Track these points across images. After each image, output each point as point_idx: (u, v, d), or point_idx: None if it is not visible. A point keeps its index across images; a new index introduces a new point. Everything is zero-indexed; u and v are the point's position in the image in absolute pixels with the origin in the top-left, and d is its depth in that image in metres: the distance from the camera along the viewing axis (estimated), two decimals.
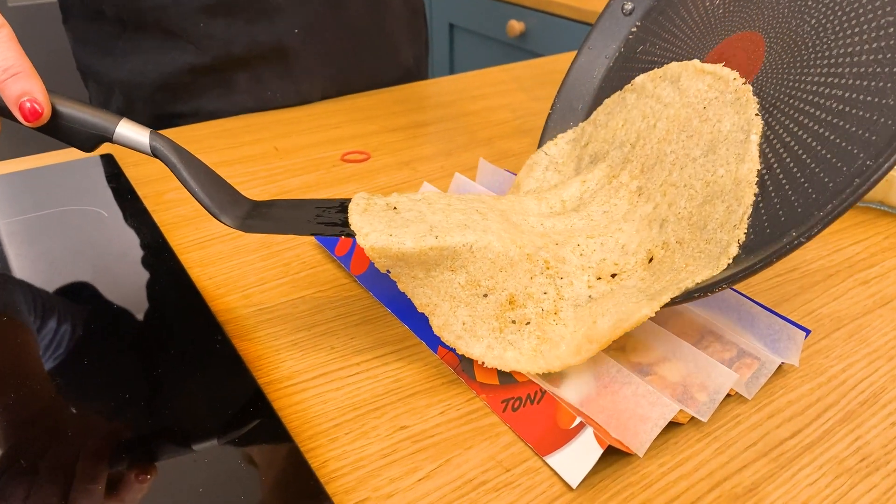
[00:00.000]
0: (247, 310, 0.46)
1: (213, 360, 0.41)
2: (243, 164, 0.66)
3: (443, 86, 0.86)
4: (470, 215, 0.42)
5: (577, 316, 0.39)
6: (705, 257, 0.38)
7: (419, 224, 0.40)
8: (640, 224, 0.43)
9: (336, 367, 0.41)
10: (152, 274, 0.49)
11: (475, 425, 0.37)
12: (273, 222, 0.42)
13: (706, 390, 0.38)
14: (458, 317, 0.39)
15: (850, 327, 0.45)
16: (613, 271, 0.41)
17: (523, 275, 0.40)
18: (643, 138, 0.47)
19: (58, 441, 0.35)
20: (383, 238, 0.39)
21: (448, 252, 0.39)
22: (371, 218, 0.41)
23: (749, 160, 0.40)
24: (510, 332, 0.39)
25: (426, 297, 0.40)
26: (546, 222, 0.45)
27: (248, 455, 0.35)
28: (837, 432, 0.37)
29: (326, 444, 0.36)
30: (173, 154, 0.41)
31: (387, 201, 0.43)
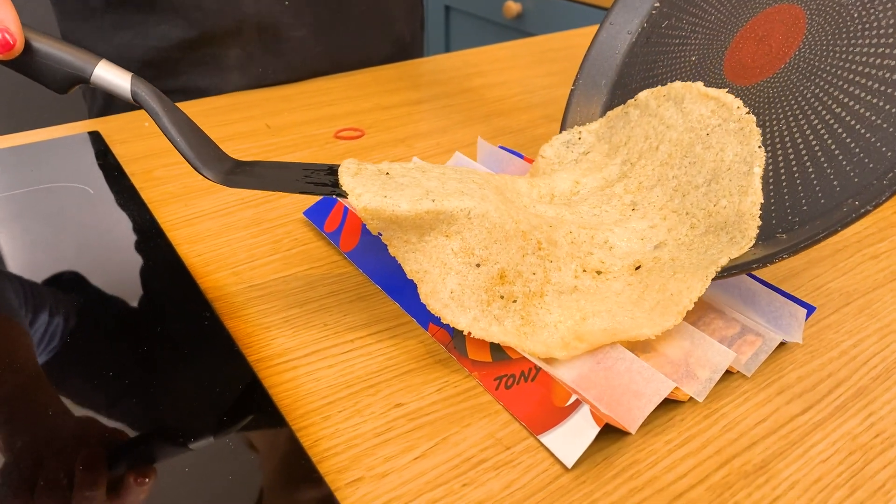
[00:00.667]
0: (236, 287, 0.45)
1: (202, 339, 0.39)
2: (234, 142, 0.64)
3: (439, 63, 0.84)
4: (467, 184, 0.40)
5: (561, 304, 0.38)
6: (702, 277, 0.38)
7: (415, 188, 0.38)
8: (631, 235, 0.43)
9: (329, 345, 0.40)
10: (138, 251, 0.47)
11: (473, 402, 0.36)
12: (258, 179, 0.40)
13: (708, 367, 0.36)
14: (447, 284, 0.38)
15: (859, 302, 0.43)
16: (599, 268, 0.41)
17: (516, 251, 0.39)
18: (645, 158, 0.46)
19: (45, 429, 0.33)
20: (377, 199, 0.37)
21: (444, 216, 0.37)
22: (364, 180, 0.39)
23: (752, 193, 0.40)
24: (497, 308, 0.38)
25: (417, 263, 0.38)
26: (538, 206, 0.44)
27: (237, 434, 0.33)
28: (850, 408, 0.36)
29: (319, 422, 0.35)
30: (156, 101, 0.39)
31: (378, 167, 0.41)
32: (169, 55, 0.74)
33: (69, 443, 0.32)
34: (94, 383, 0.36)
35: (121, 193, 0.54)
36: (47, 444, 0.32)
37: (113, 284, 0.43)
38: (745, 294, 0.41)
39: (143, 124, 0.68)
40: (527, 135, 0.66)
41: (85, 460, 0.31)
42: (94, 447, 0.32)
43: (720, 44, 0.46)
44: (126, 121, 0.69)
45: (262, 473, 0.31)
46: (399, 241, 0.38)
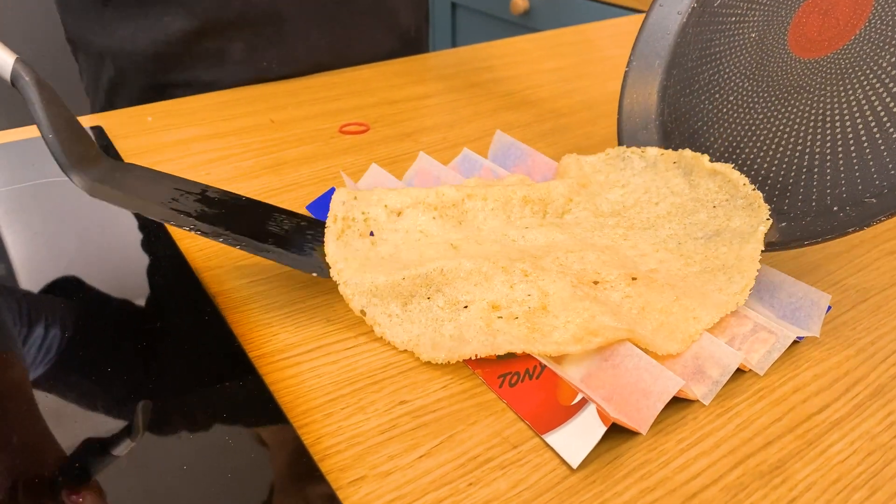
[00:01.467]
0: (239, 282, 0.44)
1: (203, 334, 0.38)
2: (238, 136, 0.63)
3: (445, 58, 0.83)
4: (444, 251, 0.42)
5: (566, 308, 0.37)
6: (711, 311, 0.38)
7: (392, 263, 0.41)
8: (623, 259, 0.42)
9: (332, 340, 0.39)
10: (139, 246, 0.46)
11: (479, 400, 0.35)
12: (123, 193, 0.38)
13: (718, 366, 0.35)
14: (445, 333, 0.38)
15: (876, 299, 0.42)
16: (595, 279, 0.40)
17: (501, 286, 0.39)
18: (641, 206, 0.47)
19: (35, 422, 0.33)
20: (357, 276, 0.40)
21: (420, 279, 0.39)
22: (345, 250, 0.41)
23: (754, 241, 0.40)
24: (498, 325, 0.37)
25: (406, 333, 0.38)
26: (527, 234, 0.44)
27: (236, 431, 0.32)
28: (868, 407, 0.35)
29: (321, 419, 0.34)
30: (35, 89, 0.36)
31: (364, 215, 0.43)
32: (172, 49, 0.73)
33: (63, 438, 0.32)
34: (93, 378, 0.35)
35: None
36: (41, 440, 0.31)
37: (113, 280, 0.43)
38: (763, 286, 0.40)
39: (146, 119, 0.67)
40: (534, 129, 0.65)
41: (79, 458, 0.31)
42: (90, 443, 0.31)
43: (781, 19, 0.46)
44: (129, 116, 0.68)
45: (262, 472, 0.30)
46: (383, 316, 0.39)
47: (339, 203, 0.43)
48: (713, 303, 0.38)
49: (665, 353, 0.36)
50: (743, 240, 0.41)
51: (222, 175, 0.57)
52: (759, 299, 0.40)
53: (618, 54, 0.85)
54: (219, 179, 0.56)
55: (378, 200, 0.44)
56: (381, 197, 0.44)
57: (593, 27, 0.96)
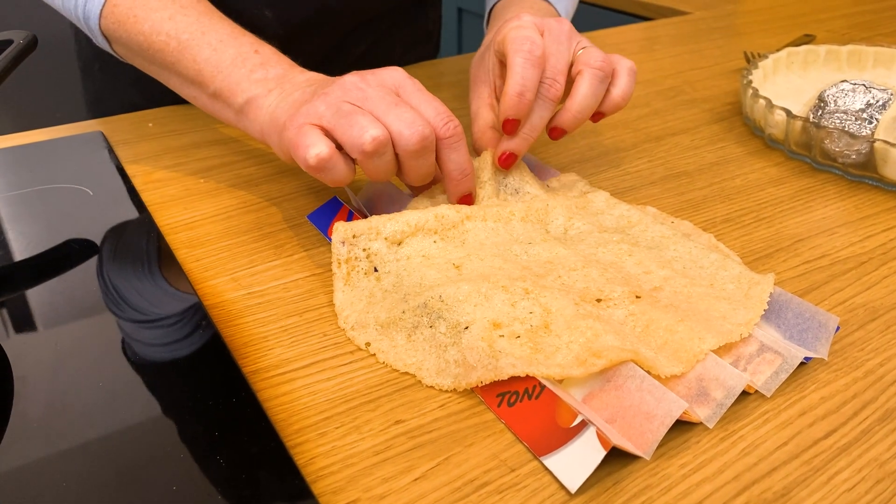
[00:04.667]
0: (235, 294, 0.43)
1: (197, 348, 0.38)
2: (240, 143, 0.63)
3: (451, 65, 0.82)
4: (446, 271, 0.41)
5: (569, 326, 0.37)
6: (716, 334, 0.37)
7: (394, 295, 0.41)
8: (627, 276, 0.42)
9: (328, 356, 0.38)
10: (135, 256, 0.46)
11: (477, 420, 0.34)
12: None
13: (722, 388, 0.34)
14: (449, 358, 0.37)
15: (885, 318, 0.41)
16: (598, 297, 0.39)
17: (503, 304, 0.38)
18: (644, 224, 0.47)
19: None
20: (362, 316, 0.40)
21: (421, 310, 0.39)
22: (352, 294, 0.41)
23: (765, 283, 0.40)
24: (501, 345, 0.36)
25: (411, 358, 0.38)
26: (530, 251, 0.43)
27: (228, 451, 0.31)
28: (877, 432, 0.34)
29: (315, 438, 0.33)
30: None
31: (367, 251, 0.43)
32: None
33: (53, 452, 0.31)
34: (79, 390, 0.34)
35: (120, 196, 0.53)
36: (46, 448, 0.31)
37: (106, 289, 0.42)
38: (770, 306, 0.39)
39: (147, 125, 0.67)
40: (539, 139, 0.64)
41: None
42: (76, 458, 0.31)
43: None
44: (130, 122, 0.67)
45: (253, 494, 0.30)
46: (388, 345, 0.39)
47: (339, 244, 0.43)
48: (717, 329, 0.37)
49: (669, 375, 0.35)
50: (751, 281, 0.41)
51: (222, 183, 0.56)
52: (766, 319, 0.39)
53: None
54: (218, 187, 0.55)
55: (377, 233, 0.43)
56: (378, 228, 0.43)
57: (600, 35, 0.96)
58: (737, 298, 0.40)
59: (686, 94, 0.74)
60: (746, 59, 0.82)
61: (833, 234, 0.49)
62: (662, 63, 0.83)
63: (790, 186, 0.56)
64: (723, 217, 0.51)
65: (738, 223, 0.50)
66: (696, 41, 0.92)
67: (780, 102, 0.62)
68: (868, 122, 0.56)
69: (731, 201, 0.53)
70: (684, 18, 1.05)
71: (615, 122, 0.67)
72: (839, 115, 0.57)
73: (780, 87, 0.70)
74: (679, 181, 0.56)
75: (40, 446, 0.31)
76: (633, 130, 0.66)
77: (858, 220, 0.51)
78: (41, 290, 0.43)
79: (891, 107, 0.56)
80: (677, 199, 0.54)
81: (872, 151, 0.54)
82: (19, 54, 0.48)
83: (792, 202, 0.53)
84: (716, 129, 0.66)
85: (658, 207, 0.52)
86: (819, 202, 0.53)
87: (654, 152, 0.61)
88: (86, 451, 0.31)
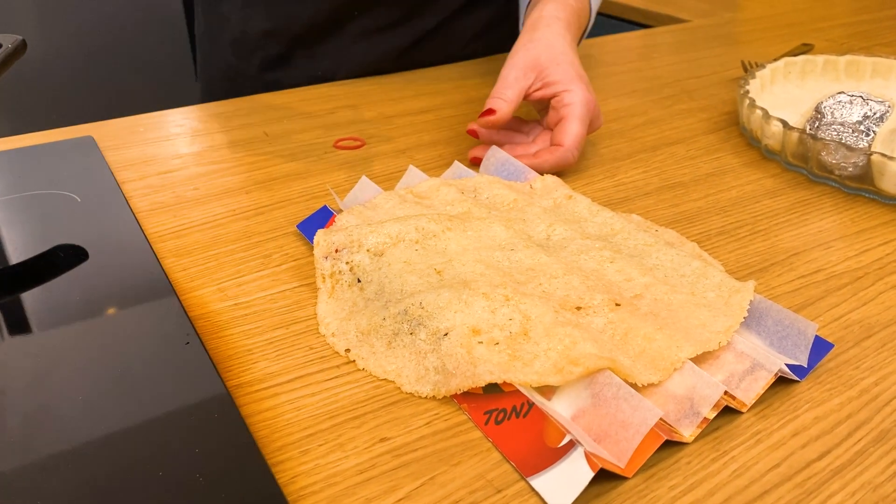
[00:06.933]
0: (221, 304, 0.42)
1: (179, 360, 0.37)
2: (230, 149, 0.62)
3: (446, 72, 0.82)
4: (428, 276, 0.41)
5: (548, 333, 0.36)
6: (695, 343, 0.37)
7: (376, 302, 0.40)
8: (608, 284, 0.41)
9: (314, 370, 0.37)
10: (120, 265, 0.45)
11: (464, 438, 0.34)
12: None
13: (699, 395, 0.34)
14: (429, 365, 0.36)
15: (881, 335, 0.41)
16: (578, 304, 0.39)
17: (482, 311, 0.38)
18: (627, 232, 0.47)
19: None
20: (343, 324, 0.40)
21: (401, 316, 0.38)
22: (335, 305, 0.41)
23: (745, 292, 0.40)
24: (479, 352, 0.35)
25: (391, 364, 0.37)
26: (513, 257, 0.43)
27: (207, 467, 0.31)
28: (871, 454, 0.33)
29: (297, 456, 0.32)
30: None
31: (350, 263, 0.43)
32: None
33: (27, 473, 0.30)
34: (56, 403, 0.34)
35: (108, 202, 0.52)
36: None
37: (90, 300, 0.41)
38: (750, 313, 0.39)
39: (139, 129, 0.66)
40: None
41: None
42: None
43: None
44: (122, 126, 0.67)
45: None
46: (367, 351, 0.38)
47: (323, 259, 0.43)
48: (696, 338, 0.37)
49: (646, 383, 0.35)
50: (731, 289, 0.40)
51: (211, 190, 0.55)
52: (746, 326, 0.39)
53: (623, 70, 0.84)
54: (207, 195, 0.55)
55: (359, 246, 0.43)
56: (360, 241, 0.43)
57: (598, 42, 0.95)
58: (717, 306, 0.39)
59: (683, 102, 0.74)
60: (744, 68, 0.81)
61: (829, 247, 0.49)
62: (660, 71, 0.83)
63: (786, 199, 0.55)
64: (717, 229, 0.51)
65: (732, 236, 0.50)
66: (695, 49, 0.91)
67: (777, 113, 0.61)
68: (865, 135, 0.56)
69: (726, 213, 0.53)
70: (683, 26, 1.04)
71: (611, 131, 0.67)
72: (836, 126, 0.57)
73: (778, 97, 0.70)
74: (674, 192, 0.56)
75: (15, 460, 0.31)
76: (629, 140, 0.65)
77: (855, 234, 0.50)
78: (22, 298, 0.42)
79: (888, 119, 0.56)
80: (672, 210, 0.53)
81: (869, 164, 0.53)
82: (7, 58, 0.48)
83: (788, 215, 0.53)
84: (712, 139, 0.65)
85: (652, 219, 0.51)
86: (815, 215, 0.53)
87: (649, 162, 0.61)
88: (60, 467, 0.31)
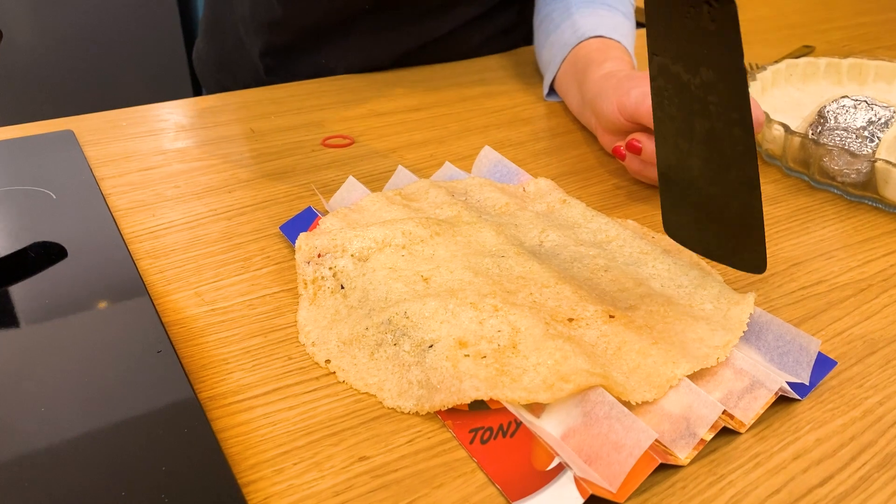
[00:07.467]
0: (197, 310, 0.41)
1: (150, 369, 0.35)
2: (215, 146, 0.60)
3: (438, 70, 0.80)
4: (413, 283, 0.39)
5: (538, 347, 0.34)
6: (692, 360, 0.35)
7: (359, 311, 0.38)
8: (602, 294, 0.40)
9: (291, 382, 0.36)
10: (92, 267, 0.43)
11: (447, 458, 0.32)
12: None
13: (696, 415, 0.32)
14: (412, 379, 0.35)
15: (886, 351, 0.39)
16: (570, 316, 0.37)
17: (470, 322, 0.36)
18: (622, 239, 0.45)
19: None
20: (324, 333, 0.38)
21: (385, 326, 0.37)
22: (316, 312, 0.39)
23: (745, 304, 0.38)
24: (465, 366, 0.33)
25: (372, 377, 0.36)
26: (503, 264, 0.41)
27: (173, 486, 0.29)
28: (876, 480, 0.31)
29: (270, 475, 0.31)
30: None
31: (334, 269, 0.41)
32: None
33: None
34: (18, 414, 0.32)
35: (85, 200, 0.50)
36: None
37: (58, 304, 0.39)
38: (750, 327, 0.37)
39: (121, 124, 0.64)
40: (528, 149, 0.62)
41: None
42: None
43: None
44: (103, 120, 0.65)
45: None
46: (348, 362, 0.37)
47: (305, 265, 0.41)
48: (693, 353, 0.35)
49: (640, 401, 0.33)
50: (731, 301, 0.39)
51: (193, 189, 0.53)
52: (745, 340, 0.37)
53: None
54: (188, 192, 0.53)
55: (342, 251, 0.41)
56: (344, 245, 0.41)
57: None
58: (716, 319, 0.38)
59: None
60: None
61: (831, 257, 0.47)
62: None
63: (787, 205, 0.53)
64: None
65: None
66: None
67: (777, 116, 0.59)
68: (869, 141, 0.54)
69: None
70: None
71: None
72: (839, 132, 0.55)
73: (779, 100, 0.68)
74: None
75: None
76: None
77: (858, 244, 0.48)
78: None
79: (893, 125, 0.54)
80: None
81: (873, 171, 0.51)
82: None
83: (788, 222, 0.51)
84: None
85: (649, 225, 0.50)
86: (817, 223, 0.51)
87: None
88: (11, 485, 0.29)
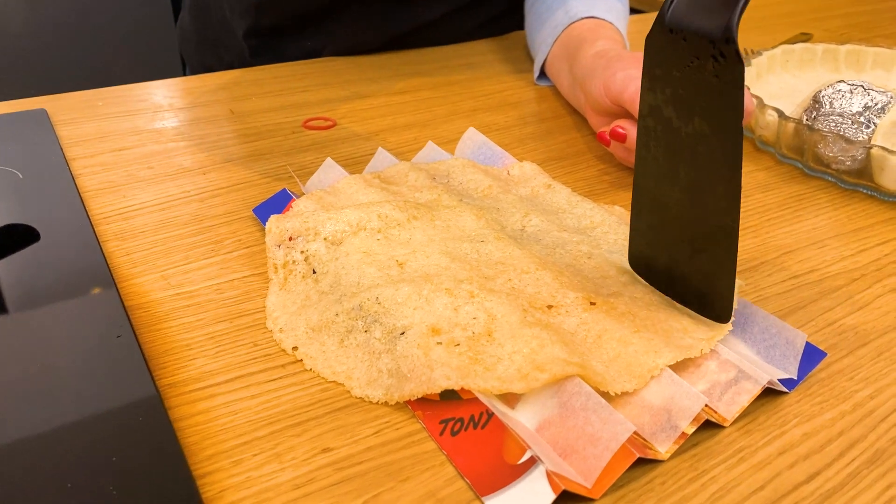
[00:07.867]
0: (163, 294, 0.39)
1: (108, 354, 0.33)
2: (193, 126, 0.58)
3: (426, 54, 0.78)
4: (387, 267, 0.38)
5: (514, 335, 0.33)
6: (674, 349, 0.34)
7: (330, 296, 0.37)
8: (584, 281, 0.38)
9: (256, 369, 0.34)
10: (55, 248, 0.41)
11: (415, 450, 0.30)
12: None
13: (677, 407, 0.31)
14: (382, 367, 0.33)
15: (877, 343, 0.37)
16: (549, 303, 0.36)
17: (444, 308, 0.34)
18: (607, 226, 0.44)
19: None
20: (292, 319, 0.36)
21: (355, 312, 0.35)
22: (286, 297, 0.38)
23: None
24: (437, 354, 0.32)
25: (340, 365, 0.34)
26: (482, 249, 0.39)
27: (122, 478, 0.27)
28: (865, 476, 0.30)
29: (228, 467, 0.29)
30: None
31: (306, 253, 0.39)
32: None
33: None
34: None
35: (52, 180, 0.49)
36: None
37: (15, 285, 0.38)
38: (737, 319, 0.36)
39: (97, 104, 0.62)
40: (514, 133, 0.60)
41: None
42: None
43: None
44: (78, 99, 0.63)
45: None
46: (316, 349, 0.35)
47: (275, 248, 0.40)
48: (677, 343, 0.34)
49: (619, 392, 0.31)
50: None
51: (166, 170, 0.52)
52: (731, 331, 0.36)
53: None
54: (161, 174, 0.51)
55: (315, 234, 0.39)
56: (317, 228, 0.40)
57: None
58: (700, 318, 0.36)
59: None
60: None
61: (823, 246, 0.45)
62: None
63: (779, 193, 0.52)
64: None
65: None
66: None
67: (772, 103, 0.58)
68: (865, 127, 0.53)
69: None
70: None
71: None
72: (835, 117, 0.54)
73: (774, 86, 0.67)
74: None
75: None
76: None
77: (851, 232, 0.47)
78: None
79: (890, 111, 0.52)
80: None
81: (869, 158, 0.50)
82: None
83: (780, 210, 0.49)
84: None
85: None
86: (809, 211, 0.49)
87: None
88: None
